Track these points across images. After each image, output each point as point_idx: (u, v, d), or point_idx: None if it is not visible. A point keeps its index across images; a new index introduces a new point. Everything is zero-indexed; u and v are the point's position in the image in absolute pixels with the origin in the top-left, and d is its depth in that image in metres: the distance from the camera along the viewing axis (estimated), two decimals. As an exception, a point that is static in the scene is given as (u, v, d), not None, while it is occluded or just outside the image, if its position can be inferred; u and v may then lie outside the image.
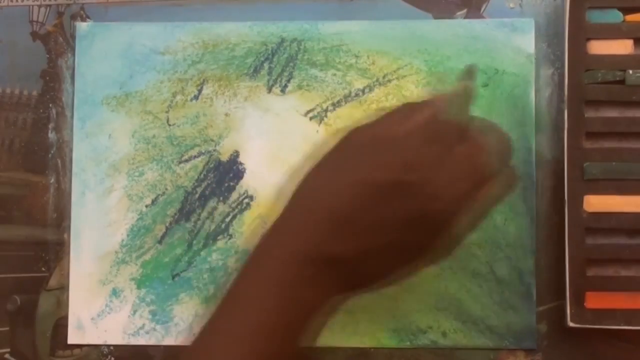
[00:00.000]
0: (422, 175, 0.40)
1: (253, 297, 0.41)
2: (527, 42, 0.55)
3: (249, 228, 0.55)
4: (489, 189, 0.42)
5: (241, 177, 0.56)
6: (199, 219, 0.56)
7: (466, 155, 0.42)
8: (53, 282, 0.56)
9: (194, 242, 0.56)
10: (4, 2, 0.58)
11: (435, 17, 0.56)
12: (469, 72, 0.48)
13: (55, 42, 0.58)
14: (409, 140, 0.41)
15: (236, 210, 0.56)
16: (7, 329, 0.56)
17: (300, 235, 0.41)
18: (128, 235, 0.56)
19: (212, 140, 0.56)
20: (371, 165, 0.41)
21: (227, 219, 0.55)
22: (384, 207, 0.40)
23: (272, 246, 0.42)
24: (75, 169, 0.57)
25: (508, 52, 0.55)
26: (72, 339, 0.56)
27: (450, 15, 0.56)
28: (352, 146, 0.43)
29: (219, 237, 0.55)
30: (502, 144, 0.45)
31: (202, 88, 0.57)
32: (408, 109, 0.44)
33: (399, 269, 0.43)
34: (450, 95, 0.44)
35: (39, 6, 0.58)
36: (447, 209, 0.41)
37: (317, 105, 0.56)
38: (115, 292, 0.56)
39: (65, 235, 0.56)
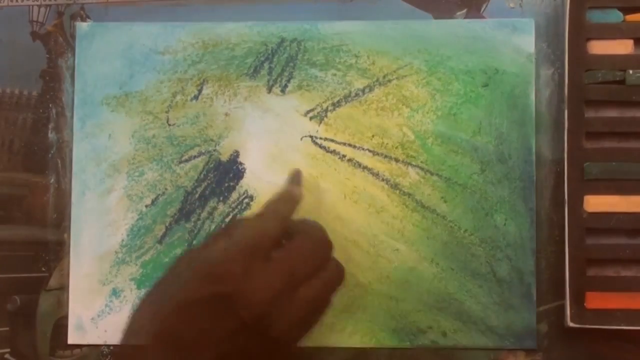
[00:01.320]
0: (231, 286, 0.42)
1: None
2: (527, 42, 0.55)
3: (249, 228, 0.55)
4: (311, 288, 0.44)
5: (241, 177, 0.56)
6: (199, 219, 0.56)
7: (281, 259, 0.44)
8: (53, 282, 0.56)
9: (194, 242, 0.56)
10: (4, 2, 0.58)
11: (435, 17, 0.56)
12: (295, 177, 0.52)
13: (55, 42, 0.58)
14: (223, 254, 0.43)
15: (236, 210, 0.56)
16: (7, 329, 0.56)
17: (138, 355, 0.43)
18: (128, 235, 0.56)
19: (212, 140, 0.56)
20: (188, 284, 0.43)
21: (227, 219, 0.55)
22: (204, 323, 0.42)
23: None
24: (75, 169, 0.57)
25: (508, 52, 0.55)
26: (72, 339, 0.56)
27: (450, 15, 0.56)
28: (178, 269, 0.45)
29: (219, 237, 0.55)
30: (319, 241, 0.47)
31: (202, 88, 0.57)
32: (231, 226, 0.47)
33: None
34: (272, 204, 0.47)
35: (39, 6, 0.58)
36: (263, 314, 0.42)
37: (317, 105, 0.56)
38: (115, 292, 0.56)
39: (65, 235, 0.56)
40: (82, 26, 0.58)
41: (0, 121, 0.58)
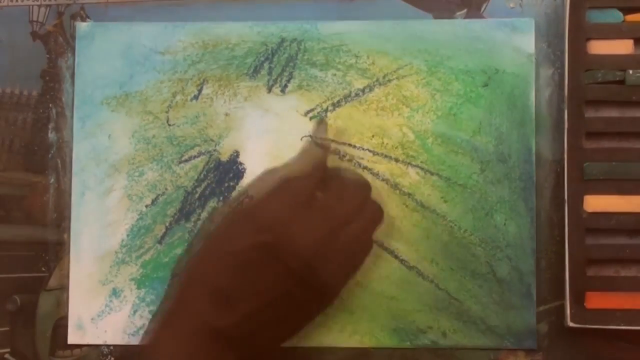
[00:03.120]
0: (275, 233, 0.43)
1: None
2: (527, 42, 0.55)
3: (249, 228, 0.55)
4: (352, 230, 0.45)
5: (241, 177, 0.56)
6: (199, 219, 0.56)
7: (321, 205, 0.45)
8: (53, 282, 0.56)
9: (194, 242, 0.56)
10: (4, 2, 0.58)
11: (435, 17, 0.56)
12: (320, 125, 0.53)
13: (55, 42, 0.58)
14: (264, 204, 0.44)
15: (236, 210, 0.56)
16: (7, 329, 0.56)
17: (189, 312, 0.43)
18: (128, 235, 0.56)
19: (212, 140, 0.56)
20: (233, 235, 0.44)
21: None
22: (250, 272, 0.43)
23: (171, 321, 0.44)
24: (75, 169, 0.57)
25: (508, 52, 0.55)
26: (72, 339, 0.56)
27: (450, 15, 0.56)
28: (225, 223, 0.46)
29: (219, 237, 0.55)
30: (356, 183, 0.47)
31: (202, 88, 0.57)
32: (266, 175, 0.48)
33: (284, 329, 0.45)
34: (304, 153, 0.49)
35: (39, 6, 0.58)
36: (308, 259, 0.43)
37: (317, 105, 0.56)
38: (115, 292, 0.56)
39: (65, 235, 0.56)
40: (82, 26, 0.58)
41: (0, 121, 0.58)
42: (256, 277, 0.43)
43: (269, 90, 0.56)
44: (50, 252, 0.57)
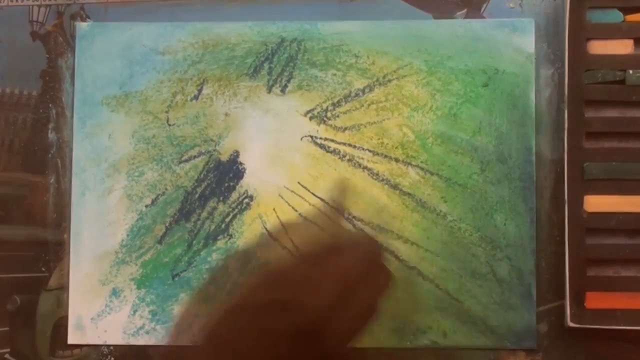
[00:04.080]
0: (289, 292, 0.42)
1: None
2: (527, 42, 0.55)
3: (248, 228, 0.55)
4: (362, 294, 0.44)
5: (241, 177, 0.56)
6: (199, 219, 0.56)
7: (332, 267, 0.44)
8: (53, 282, 0.56)
9: (194, 242, 0.56)
10: (4, 2, 0.58)
11: (435, 17, 0.56)
12: (341, 188, 0.52)
13: (55, 42, 0.58)
14: (279, 263, 0.45)
15: (236, 210, 0.56)
16: (7, 329, 0.56)
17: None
18: (128, 235, 0.56)
19: (212, 140, 0.56)
20: (245, 290, 0.44)
21: (227, 219, 0.55)
22: (258, 327, 0.42)
23: None
24: (75, 169, 0.57)
25: (508, 52, 0.55)
26: (72, 339, 0.56)
27: (450, 15, 0.56)
28: (230, 270, 0.47)
29: (219, 237, 0.55)
30: (368, 249, 0.47)
31: (202, 88, 0.57)
32: (282, 231, 0.49)
33: None
34: (323, 214, 0.49)
35: (39, 6, 0.58)
36: (317, 320, 0.42)
37: (317, 105, 0.56)
38: (115, 292, 0.56)
39: (65, 235, 0.56)
40: (82, 26, 0.58)
41: (0, 121, 0.58)
42: (264, 333, 0.42)
43: (269, 90, 0.56)
44: (50, 252, 0.56)
